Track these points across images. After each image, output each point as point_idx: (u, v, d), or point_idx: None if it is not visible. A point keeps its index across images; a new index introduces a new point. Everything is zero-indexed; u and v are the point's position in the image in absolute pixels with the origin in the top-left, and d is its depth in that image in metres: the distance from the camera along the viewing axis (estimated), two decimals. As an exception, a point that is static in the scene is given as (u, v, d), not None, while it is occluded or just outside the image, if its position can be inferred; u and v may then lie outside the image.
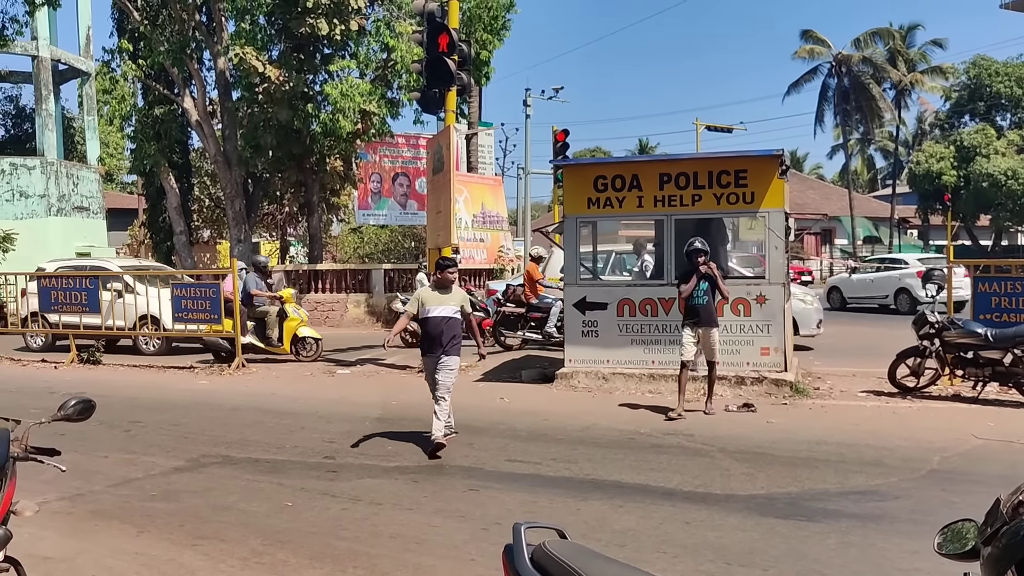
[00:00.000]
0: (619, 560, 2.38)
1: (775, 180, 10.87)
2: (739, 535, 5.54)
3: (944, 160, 41.42)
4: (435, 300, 8.19)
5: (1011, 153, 40.56)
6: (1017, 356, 9.60)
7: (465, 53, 13.68)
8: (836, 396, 10.50)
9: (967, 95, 44.12)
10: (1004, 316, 10.69)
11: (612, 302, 11.43)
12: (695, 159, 11.81)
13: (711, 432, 8.60)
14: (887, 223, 51.80)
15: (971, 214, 43.58)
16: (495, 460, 7.76)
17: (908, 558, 4.87)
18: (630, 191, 11.41)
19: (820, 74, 50.49)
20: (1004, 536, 1.73)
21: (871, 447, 7.80)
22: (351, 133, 20.70)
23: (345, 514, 6.18)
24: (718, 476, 7.04)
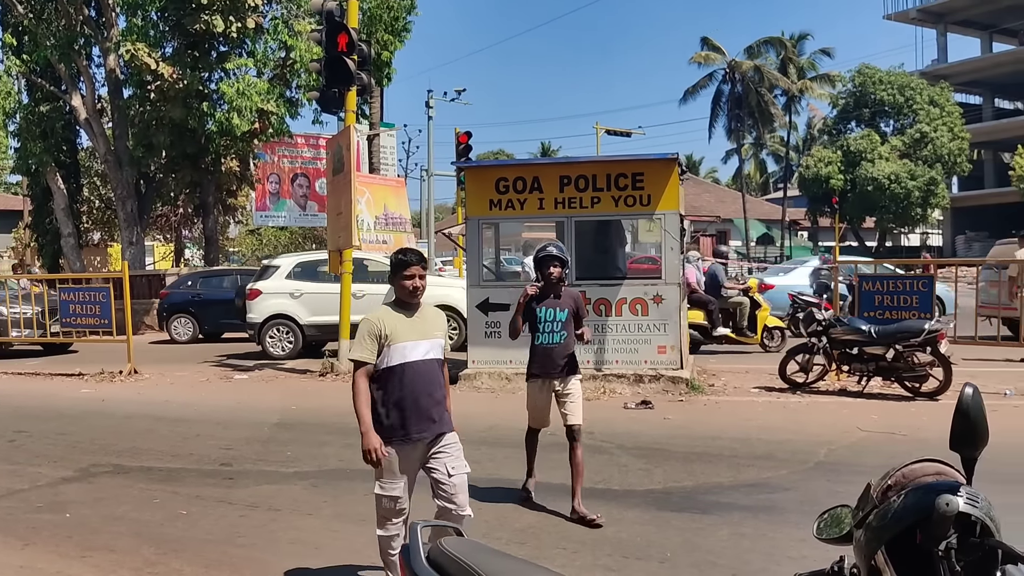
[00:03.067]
0: (515, 556, 2.42)
1: (671, 183, 11.13)
2: (636, 529, 5.66)
3: (832, 164, 43.08)
4: (406, 329, 4.35)
5: (894, 158, 42.47)
6: (898, 352, 10.07)
7: (365, 53, 13.57)
8: (730, 392, 10.82)
9: (853, 102, 45.97)
10: (887, 314, 11.20)
11: (514, 303, 11.46)
12: (594, 162, 12.00)
13: (610, 429, 8.74)
14: (779, 225, 53.60)
15: (857, 216, 45.43)
16: (397, 462, 7.71)
17: (796, 546, 5.06)
18: (531, 193, 11.50)
19: (715, 80, 51.99)
20: (874, 519, 1.82)
21: (763, 441, 8.07)
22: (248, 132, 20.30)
23: (242, 521, 6.06)
24: (616, 472, 7.17)
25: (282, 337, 15.67)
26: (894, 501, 1.80)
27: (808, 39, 53.81)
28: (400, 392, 4.30)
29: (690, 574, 4.82)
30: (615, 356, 11.18)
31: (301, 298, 15.61)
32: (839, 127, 46.95)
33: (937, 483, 1.79)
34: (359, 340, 4.32)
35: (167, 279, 22.79)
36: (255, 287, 15.83)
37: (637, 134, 43.93)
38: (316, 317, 15.40)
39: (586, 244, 11.83)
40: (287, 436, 8.95)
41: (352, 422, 4.37)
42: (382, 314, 4.38)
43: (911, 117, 43.89)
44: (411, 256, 4.38)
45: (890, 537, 1.78)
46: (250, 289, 15.86)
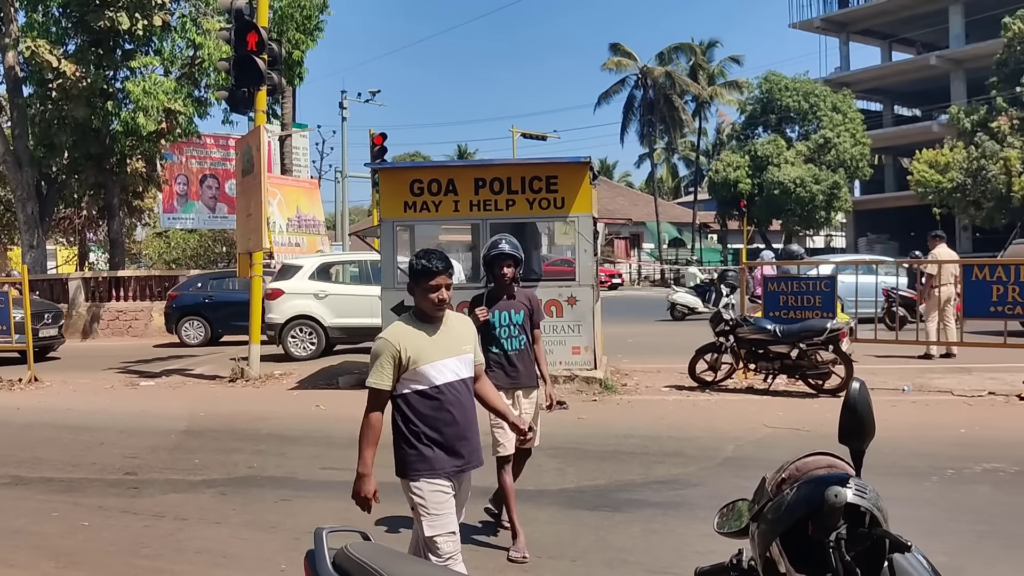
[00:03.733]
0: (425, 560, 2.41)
1: (583, 186, 11.25)
2: (550, 528, 5.71)
3: (740, 169, 44.16)
4: (431, 347, 3.74)
5: (799, 163, 43.77)
6: (802, 350, 10.38)
7: (276, 52, 13.38)
8: (642, 392, 10.99)
9: (760, 108, 47.22)
10: (791, 313, 11.52)
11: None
12: (508, 165, 12.07)
13: (526, 431, 8.77)
14: (690, 228, 54.72)
15: (764, 219, 46.68)
16: (309, 469, 7.61)
17: (704, 541, 5.16)
18: (446, 195, 11.48)
19: (627, 86, 52.78)
20: (769, 512, 1.88)
21: (673, 439, 8.23)
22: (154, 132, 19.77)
23: (147, 531, 5.89)
24: (531, 472, 7.17)
25: (305, 338, 15.43)
26: (787, 494, 1.86)
27: (718, 46, 55.12)
28: (430, 421, 3.72)
29: (602, 572, 4.89)
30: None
31: (326, 299, 15.37)
32: (747, 132, 48.16)
33: (827, 476, 1.85)
34: (376, 366, 3.68)
35: (69, 283, 22.02)
36: (277, 287, 15.54)
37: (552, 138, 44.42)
38: (342, 319, 15.22)
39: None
40: (195, 443, 8.74)
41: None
42: (400, 332, 3.69)
43: (815, 123, 45.30)
44: (437, 262, 3.65)
45: (784, 529, 1.84)
46: (272, 289, 15.43)
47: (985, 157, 37.45)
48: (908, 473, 6.86)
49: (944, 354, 13.12)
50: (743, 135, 48.20)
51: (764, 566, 1.91)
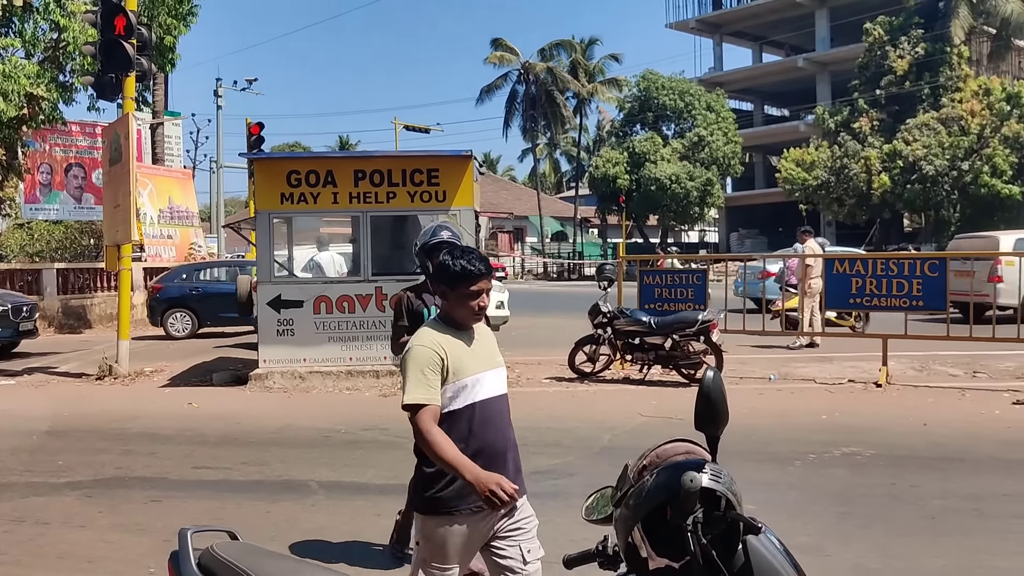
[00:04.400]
0: (292, 556, 2.39)
1: (465, 179, 11.28)
2: (427, 522, 5.70)
3: (619, 165, 45.07)
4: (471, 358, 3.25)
5: (675, 160, 44.99)
6: (675, 341, 10.71)
7: (145, 37, 12.86)
8: (523, 384, 11.10)
9: (638, 106, 48.27)
10: (665, 305, 11.87)
11: (308, 299, 11.28)
12: (389, 157, 11.97)
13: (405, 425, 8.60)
14: (572, 222, 55.56)
15: (642, 214, 47.83)
16: (180, 468, 7.37)
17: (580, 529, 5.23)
18: (325, 187, 11.31)
19: (510, 81, 53.11)
20: (631, 497, 1.94)
21: (552, 429, 8.35)
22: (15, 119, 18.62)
23: (6, 537, 5.59)
24: (410, 467, 7.11)
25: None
26: (647, 481, 1.92)
27: (597, 44, 56.03)
28: (472, 443, 3.14)
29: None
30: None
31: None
32: (625, 129, 49.17)
33: (685, 462, 1.93)
34: (416, 376, 3.09)
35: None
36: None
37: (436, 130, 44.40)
38: None
39: (382, 239, 11.78)
40: (58, 444, 8.34)
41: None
42: (438, 338, 3.16)
43: (690, 121, 46.63)
44: (478, 264, 3.16)
45: (644, 514, 1.90)
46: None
47: (848, 156, 39.39)
48: (773, 458, 7.17)
49: (808, 343, 13.76)
50: (622, 132, 49.18)
51: (627, 551, 1.97)
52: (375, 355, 11.17)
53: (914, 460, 7.11)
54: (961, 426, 8.27)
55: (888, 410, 9.09)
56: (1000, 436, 7.83)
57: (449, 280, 3.18)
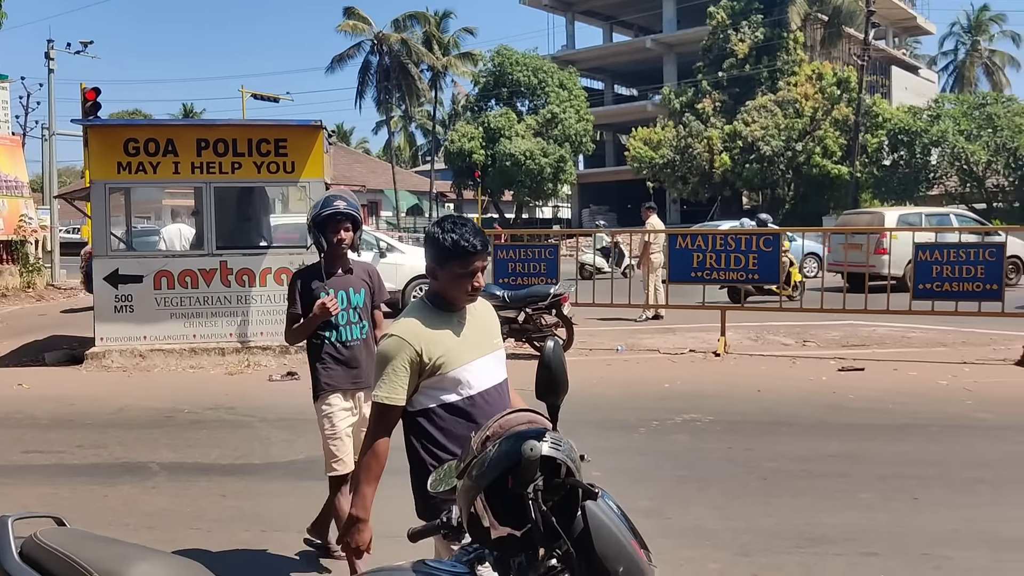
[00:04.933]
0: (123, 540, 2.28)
1: (315, 150, 11.02)
2: (276, 501, 5.61)
3: (474, 140, 45.13)
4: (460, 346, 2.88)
5: (529, 136, 45.44)
6: (528, 314, 10.87)
7: (-39, -9, 11.87)
8: (376, 359, 10.99)
9: (493, 81, 48.38)
10: (519, 279, 12.01)
11: (148, 274, 10.78)
12: (234, 126, 11.52)
13: (253, 403, 8.54)
14: (427, 196, 55.29)
15: (497, 190, 48.13)
16: (9, 453, 6.93)
17: (431, 502, 5.31)
18: (165, 156, 10.79)
19: (363, 51, 52.07)
20: (474, 468, 1.96)
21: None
22: None
23: None
24: (258, 446, 7.03)
25: None
26: (490, 451, 1.94)
27: (452, 17, 55.72)
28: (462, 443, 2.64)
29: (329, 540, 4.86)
30: (260, 328, 10.91)
31: None
32: (480, 104, 49.22)
33: (526, 431, 1.96)
34: (385, 373, 2.76)
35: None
36: None
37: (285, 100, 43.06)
38: None
39: (227, 211, 11.39)
40: None
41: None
42: (416, 328, 2.79)
43: (544, 98, 47.15)
44: (474, 239, 2.78)
45: (486, 484, 1.92)
46: None
47: (691, 136, 40.87)
48: (619, 426, 7.40)
49: (654, 315, 14.25)
50: (477, 107, 49.21)
51: (469, 521, 1.99)
52: (220, 332, 10.81)
53: (748, 425, 7.50)
54: (792, 392, 8.77)
55: (725, 378, 9.54)
56: (827, 401, 8.36)
57: (439, 257, 2.80)
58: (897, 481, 5.88)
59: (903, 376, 9.47)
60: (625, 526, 2.09)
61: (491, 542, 2.00)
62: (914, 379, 9.26)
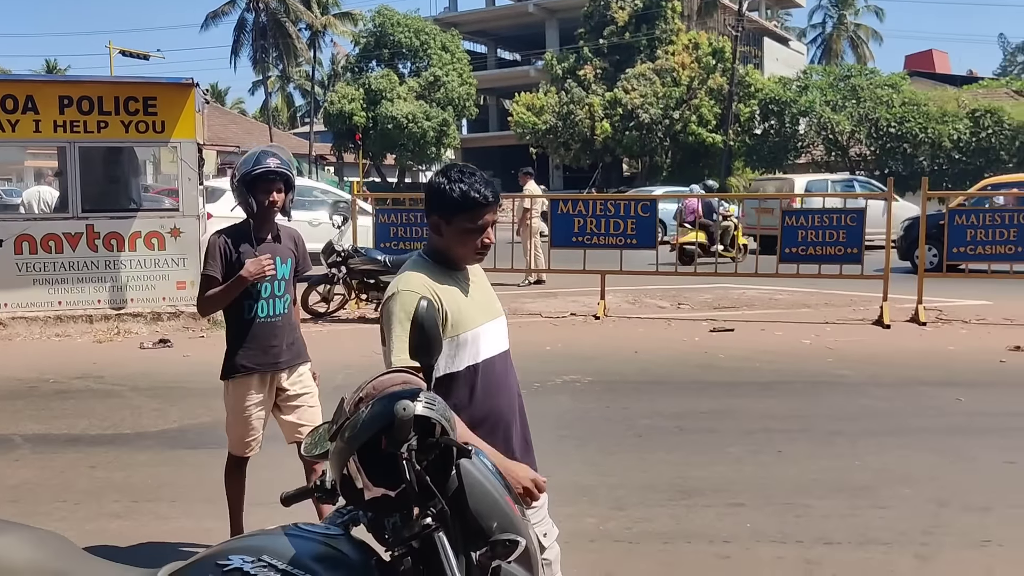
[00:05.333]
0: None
1: (186, 109, 10.61)
2: (147, 471, 5.46)
3: (355, 102, 44.28)
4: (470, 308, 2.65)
5: (411, 98, 44.89)
6: (409, 280, 10.83)
7: None
8: (254, 326, 10.77)
9: (374, 42, 47.47)
10: (401, 244, 11.93)
11: (8, 238, 10.21)
12: (100, 83, 10.94)
13: (123, 372, 8.25)
14: (307, 159, 54.07)
15: (379, 153, 47.44)
16: None
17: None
18: (24, 114, 10.20)
19: (238, 7, 50.25)
20: (346, 430, 1.95)
21: (283, 371, 8.19)
22: None
23: None
24: (129, 415, 6.81)
25: None
26: (363, 412, 1.94)
27: (327, -26, 54.27)
28: (473, 412, 2.58)
29: (202, 508, 4.78)
30: (131, 294, 10.52)
31: None
32: (361, 65, 48.27)
33: (400, 391, 1.96)
34: (399, 334, 2.46)
35: None
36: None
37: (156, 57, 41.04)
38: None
39: (94, 172, 10.89)
40: None
41: None
42: (427, 282, 2.54)
43: (426, 60, 46.62)
44: (484, 189, 2.56)
45: (359, 445, 1.92)
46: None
47: (573, 102, 41.21)
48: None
49: (536, 280, 14.42)
50: (358, 68, 48.24)
51: (342, 483, 1.99)
52: (88, 299, 10.37)
53: (626, 385, 7.73)
54: (666, 353, 9.06)
55: (605, 340, 9.77)
56: (699, 361, 8.68)
57: (446, 209, 2.55)
58: (763, 435, 6.17)
59: (770, 336, 9.91)
60: (500, 483, 2.13)
61: (365, 503, 2.01)
62: (780, 339, 9.71)
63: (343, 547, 1.94)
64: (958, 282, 12.18)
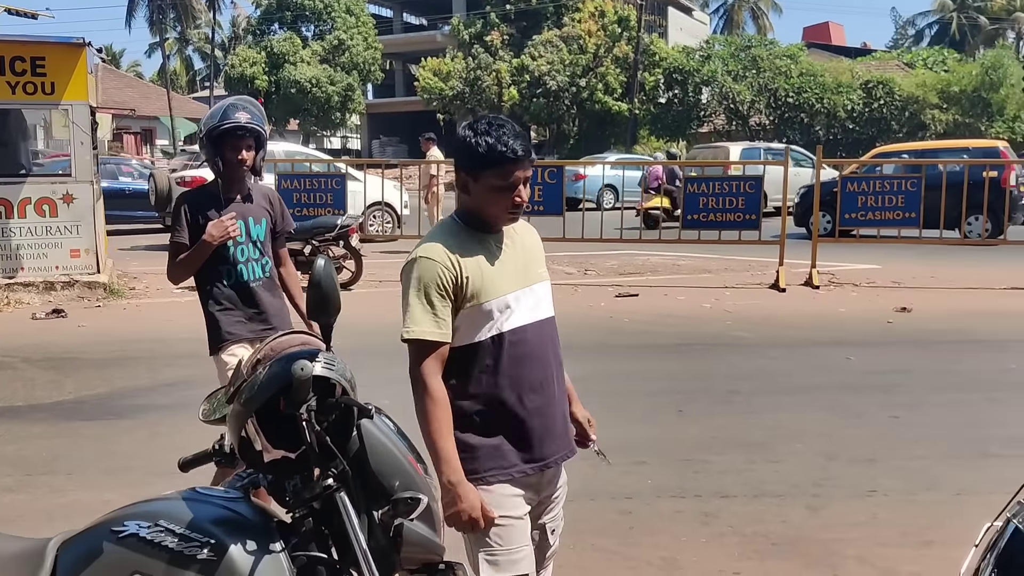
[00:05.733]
0: None
1: (77, 70, 10.17)
2: (42, 444, 5.29)
3: (256, 65, 43.11)
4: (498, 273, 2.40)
5: (315, 63, 43.94)
6: (315, 246, 10.67)
7: None
8: (152, 295, 10.48)
9: (275, 3, 46.18)
10: (304, 211, 11.73)
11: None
12: (-19, 41, 10.43)
13: (14, 343, 7.93)
14: (207, 124, 52.45)
15: (282, 118, 46.35)
16: None
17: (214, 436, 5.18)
18: None
19: (133, -35, 48.24)
20: (243, 392, 1.94)
21: (184, 340, 7.94)
22: None
23: None
24: (21, 388, 6.57)
25: None
26: (260, 373, 1.93)
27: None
28: (506, 386, 2.37)
29: (102, 480, 4.66)
30: (21, 263, 10.12)
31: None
32: (263, 28, 46.96)
33: (299, 352, 1.96)
34: (418, 302, 2.33)
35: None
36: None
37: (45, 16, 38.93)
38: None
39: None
40: None
41: None
42: (445, 249, 2.34)
43: (330, 24, 45.63)
44: (514, 142, 2.32)
45: (257, 407, 1.91)
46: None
47: (480, 68, 41.00)
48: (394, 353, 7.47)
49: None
50: (259, 31, 46.91)
51: (241, 447, 1.97)
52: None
53: (532, 350, 7.80)
54: (573, 318, 9.15)
55: (512, 306, 9.84)
56: (605, 325, 8.84)
57: (472, 165, 2.33)
58: (665, 396, 6.35)
59: (672, 301, 10.14)
60: (403, 443, 2.15)
61: (265, 466, 2.01)
62: (682, 303, 9.95)
63: (242, 510, 1.94)
64: (850, 247, 12.68)
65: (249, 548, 1.83)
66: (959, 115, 34.46)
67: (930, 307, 9.51)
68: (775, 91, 36.07)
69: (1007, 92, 34.20)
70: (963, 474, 4.80)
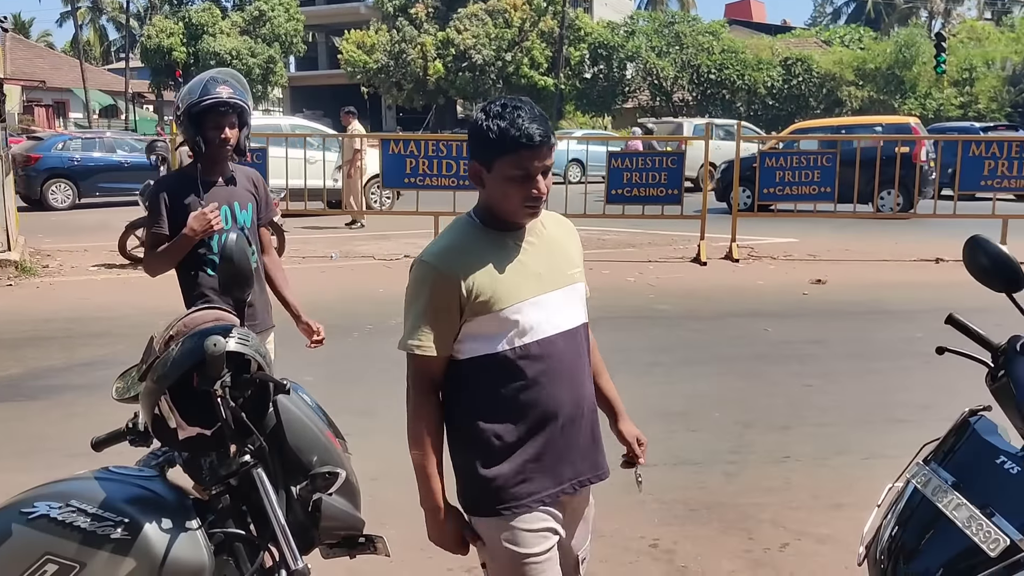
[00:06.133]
0: None
1: (-20, 40, 9.78)
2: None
3: (174, 36, 41.92)
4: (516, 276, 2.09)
5: (235, 34, 42.90)
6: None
7: None
8: (67, 272, 10.20)
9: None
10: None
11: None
12: None
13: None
14: (123, 96, 50.86)
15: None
16: None
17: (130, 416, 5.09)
18: None
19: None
20: (156, 369, 1.91)
21: (100, 319, 7.82)
22: None
23: None
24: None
25: None
26: (173, 350, 1.91)
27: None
28: (521, 408, 2.08)
29: (14, 463, 4.54)
30: None
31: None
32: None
33: (212, 328, 1.94)
34: (409, 311, 2.13)
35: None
36: None
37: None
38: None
39: None
40: None
41: None
42: (453, 252, 2.10)
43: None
44: (531, 126, 1.98)
45: (170, 384, 1.89)
46: None
47: (405, 41, 40.56)
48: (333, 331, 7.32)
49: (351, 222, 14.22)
50: (177, 1, 45.60)
51: (155, 424, 1.95)
52: None
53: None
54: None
55: (438, 282, 9.83)
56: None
57: (485, 152, 2.03)
58: (587, 369, 6.43)
59: (597, 275, 10.23)
60: (320, 418, 2.16)
61: (179, 443, 1.99)
62: (606, 277, 10.06)
63: (157, 488, 1.93)
64: (768, 221, 12.98)
65: (164, 526, 1.82)
66: (874, 92, 35.45)
67: (844, 279, 9.82)
68: (698, 67, 36.55)
69: (919, 70, 35.29)
70: (872, 439, 5.00)
